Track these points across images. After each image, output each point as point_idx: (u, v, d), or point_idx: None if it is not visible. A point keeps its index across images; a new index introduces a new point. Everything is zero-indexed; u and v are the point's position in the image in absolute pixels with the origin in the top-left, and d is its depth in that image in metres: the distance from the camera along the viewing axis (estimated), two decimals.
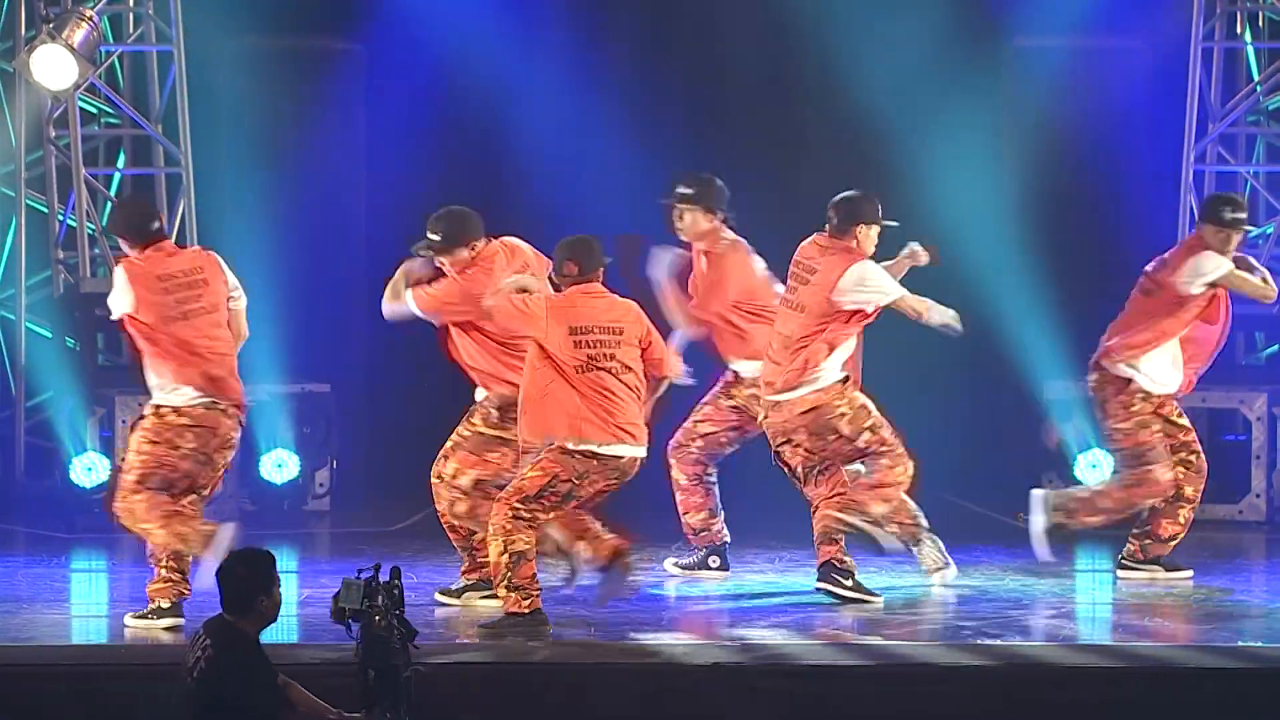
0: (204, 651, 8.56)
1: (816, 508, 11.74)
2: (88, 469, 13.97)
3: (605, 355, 10.89)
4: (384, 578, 8.45)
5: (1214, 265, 11.91)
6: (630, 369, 10.90)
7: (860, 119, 15.77)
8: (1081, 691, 9.92)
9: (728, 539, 12.58)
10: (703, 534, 12.60)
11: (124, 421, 14.40)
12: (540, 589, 10.96)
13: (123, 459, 11.83)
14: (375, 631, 8.48)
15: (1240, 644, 10.70)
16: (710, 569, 12.56)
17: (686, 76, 16.43)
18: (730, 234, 12.31)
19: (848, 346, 11.79)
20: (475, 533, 11.44)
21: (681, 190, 12.22)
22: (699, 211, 12.25)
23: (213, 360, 11.10)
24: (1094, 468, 14.47)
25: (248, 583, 8.68)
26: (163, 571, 11.10)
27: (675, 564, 12.68)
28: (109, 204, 15.57)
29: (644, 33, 16.40)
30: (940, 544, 12.27)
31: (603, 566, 11.38)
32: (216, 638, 8.59)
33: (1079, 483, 13.71)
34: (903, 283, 11.88)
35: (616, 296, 11.11)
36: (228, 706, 8.53)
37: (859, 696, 9.85)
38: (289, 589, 10.89)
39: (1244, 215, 12.23)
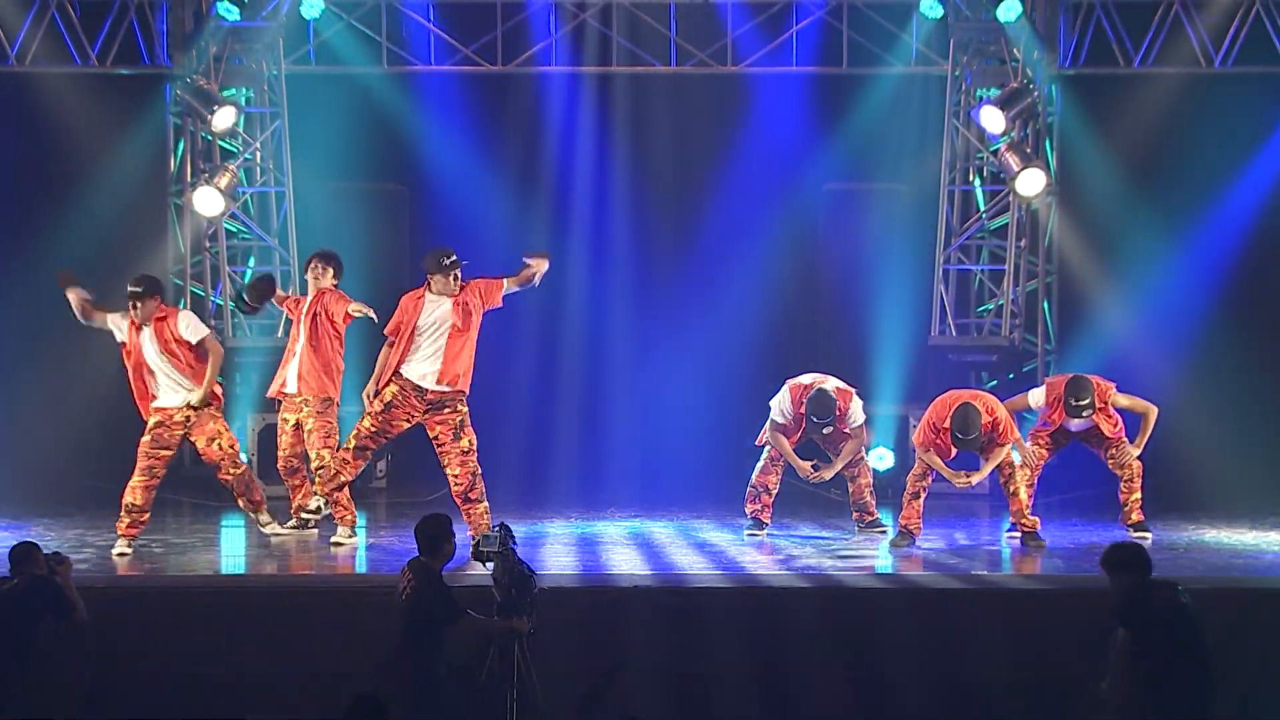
0: (409, 582, 9.11)
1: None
2: None
3: None
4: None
5: None
6: None
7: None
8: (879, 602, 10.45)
9: None
10: None
11: (254, 431, 15.19)
12: None
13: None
14: (512, 564, 9.04)
15: (973, 572, 11.30)
16: None
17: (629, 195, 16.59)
18: None
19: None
20: None
21: None
22: None
23: None
24: (880, 459, 15.05)
25: (436, 535, 9.18)
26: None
27: None
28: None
29: (599, 165, 16.52)
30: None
31: None
32: (416, 572, 9.12)
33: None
34: None
35: None
36: (425, 616, 9.05)
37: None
38: (364, 538, 12.27)
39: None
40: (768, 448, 12.88)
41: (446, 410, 11.80)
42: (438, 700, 8.93)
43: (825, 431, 12.77)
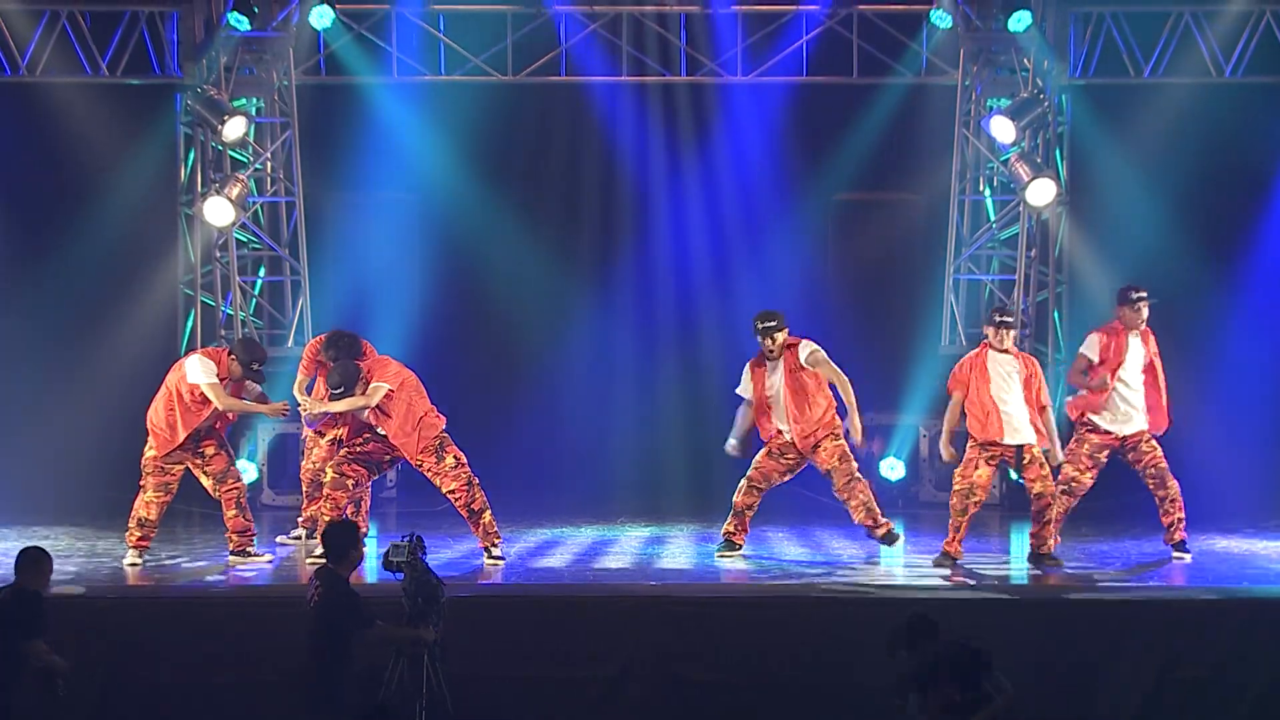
0: (315, 589, 9.07)
1: None
2: (242, 470, 13.34)
3: None
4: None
5: None
6: None
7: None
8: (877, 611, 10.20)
9: None
10: None
11: (265, 441, 15.41)
12: None
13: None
14: (419, 574, 9.05)
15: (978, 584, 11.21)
16: None
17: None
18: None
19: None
20: None
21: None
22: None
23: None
24: (891, 469, 15.36)
25: (343, 543, 9.18)
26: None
27: None
28: (254, 300, 16.17)
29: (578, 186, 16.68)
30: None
31: None
32: (323, 579, 9.10)
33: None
34: None
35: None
36: (332, 624, 8.96)
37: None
38: (372, 548, 11.75)
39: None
40: (753, 468, 12.41)
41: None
42: (345, 709, 8.79)
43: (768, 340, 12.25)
